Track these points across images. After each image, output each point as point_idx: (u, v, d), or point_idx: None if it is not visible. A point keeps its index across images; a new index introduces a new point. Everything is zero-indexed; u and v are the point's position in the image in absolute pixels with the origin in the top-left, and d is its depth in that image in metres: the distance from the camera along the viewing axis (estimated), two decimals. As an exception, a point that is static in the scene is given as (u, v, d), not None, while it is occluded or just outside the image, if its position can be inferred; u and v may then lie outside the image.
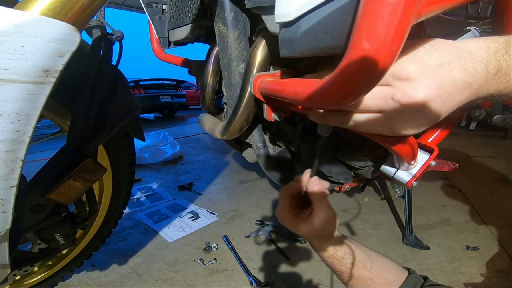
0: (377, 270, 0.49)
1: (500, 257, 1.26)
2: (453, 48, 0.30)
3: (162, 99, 6.66)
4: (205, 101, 0.90)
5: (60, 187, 0.61)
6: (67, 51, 0.37)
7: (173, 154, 2.76)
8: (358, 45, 0.22)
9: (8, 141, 0.36)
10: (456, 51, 0.30)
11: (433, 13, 0.25)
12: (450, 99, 0.30)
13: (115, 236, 1.44)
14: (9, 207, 0.42)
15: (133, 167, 0.98)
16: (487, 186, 1.98)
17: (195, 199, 1.91)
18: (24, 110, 0.36)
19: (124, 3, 3.80)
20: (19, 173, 0.40)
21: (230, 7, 0.58)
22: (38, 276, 0.93)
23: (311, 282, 1.13)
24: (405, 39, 0.21)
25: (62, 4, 0.35)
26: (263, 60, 0.53)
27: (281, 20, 0.31)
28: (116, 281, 1.14)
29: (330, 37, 0.28)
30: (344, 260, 0.48)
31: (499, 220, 1.52)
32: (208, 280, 1.15)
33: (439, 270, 1.19)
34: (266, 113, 0.53)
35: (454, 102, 0.30)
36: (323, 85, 0.26)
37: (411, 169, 0.94)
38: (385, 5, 0.20)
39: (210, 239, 1.43)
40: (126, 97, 0.78)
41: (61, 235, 0.74)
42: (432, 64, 0.29)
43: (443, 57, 0.29)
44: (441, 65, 0.29)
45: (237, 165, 2.61)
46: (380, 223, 1.56)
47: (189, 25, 0.79)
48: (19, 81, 0.34)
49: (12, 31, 0.33)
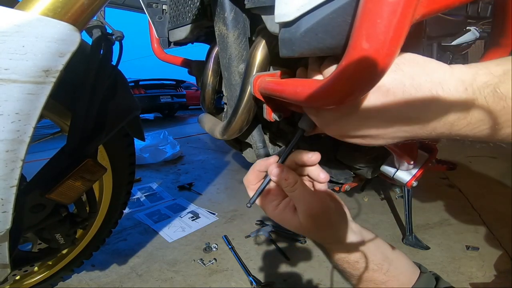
0: (393, 272, 0.43)
1: (500, 257, 1.26)
2: (417, 73, 0.26)
3: (162, 99, 6.66)
4: (205, 101, 0.90)
5: (60, 187, 0.61)
6: (68, 51, 0.37)
7: (173, 154, 2.76)
8: (357, 45, 0.22)
9: (9, 140, 0.37)
10: (418, 79, 0.25)
11: (432, 13, 0.25)
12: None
13: (115, 236, 1.44)
14: (9, 207, 0.42)
15: (133, 167, 0.98)
16: (487, 186, 1.98)
17: (195, 199, 1.91)
18: (25, 110, 0.36)
19: (124, 3, 3.81)
20: (19, 173, 0.40)
21: (230, 7, 0.58)
22: (38, 276, 0.93)
23: (311, 282, 1.13)
24: (404, 39, 0.21)
25: (62, 4, 0.36)
26: (263, 60, 0.53)
27: (281, 20, 0.31)
28: (116, 281, 1.14)
29: (330, 37, 0.28)
30: (358, 264, 0.42)
31: (499, 220, 1.52)
32: (208, 280, 1.15)
33: (439, 270, 1.19)
34: (266, 113, 0.53)
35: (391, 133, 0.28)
36: (323, 85, 0.26)
37: (411, 169, 0.94)
38: (384, 5, 0.20)
39: (210, 239, 1.43)
40: (126, 97, 0.78)
41: (61, 235, 0.74)
42: (381, 85, 0.26)
43: (395, 81, 0.26)
44: (388, 91, 0.26)
45: (237, 165, 2.61)
46: (380, 223, 1.56)
47: (189, 25, 0.79)
48: (19, 81, 0.34)
49: (12, 31, 0.33)
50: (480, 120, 0.24)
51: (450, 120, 0.25)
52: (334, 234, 0.40)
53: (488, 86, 0.24)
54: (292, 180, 0.36)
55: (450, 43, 0.98)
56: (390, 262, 0.43)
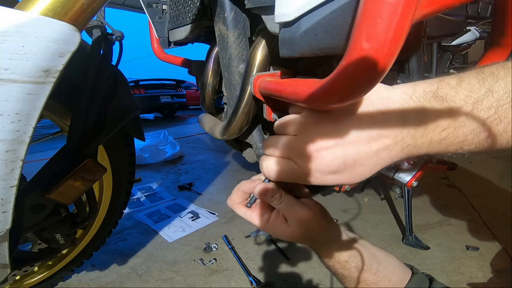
0: (383, 272, 0.44)
1: (500, 257, 1.26)
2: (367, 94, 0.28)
3: (162, 99, 6.66)
4: (205, 101, 0.90)
5: (60, 187, 0.61)
6: (67, 51, 0.37)
7: (173, 154, 2.76)
8: (357, 45, 0.22)
9: (8, 140, 0.36)
10: (370, 97, 0.28)
11: (433, 13, 0.25)
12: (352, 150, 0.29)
13: (115, 236, 1.44)
14: (9, 207, 0.42)
15: (133, 167, 0.98)
16: (487, 186, 1.98)
17: (195, 199, 1.91)
18: (24, 110, 0.36)
19: (124, 3, 3.81)
20: (19, 173, 0.40)
21: (230, 7, 0.58)
22: (38, 276, 0.93)
23: (311, 282, 1.13)
24: (404, 39, 0.21)
25: (62, 4, 0.35)
26: (263, 60, 0.53)
27: (281, 20, 0.31)
28: (116, 281, 1.14)
29: (330, 37, 0.28)
30: (348, 264, 0.43)
31: (499, 220, 1.52)
32: (208, 280, 1.15)
33: (439, 270, 1.19)
34: (266, 113, 0.53)
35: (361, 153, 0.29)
36: (323, 85, 0.26)
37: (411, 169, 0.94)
38: (384, 5, 0.20)
39: (210, 239, 1.43)
40: (126, 97, 0.78)
41: (61, 235, 0.74)
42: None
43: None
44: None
45: (237, 165, 2.61)
46: (380, 223, 1.56)
47: (189, 25, 0.79)
48: (19, 81, 0.34)
49: (12, 31, 0.33)
50: (435, 124, 0.26)
51: (411, 132, 0.27)
52: (326, 234, 0.42)
53: (427, 93, 0.27)
54: (277, 195, 0.38)
55: (450, 43, 0.98)
56: (379, 262, 0.44)
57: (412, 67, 0.80)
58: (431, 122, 0.26)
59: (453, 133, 0.26)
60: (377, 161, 0.29)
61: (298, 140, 0.31)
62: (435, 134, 0.26)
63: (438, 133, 0.26)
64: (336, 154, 0.29)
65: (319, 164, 0.30)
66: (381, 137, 0.28)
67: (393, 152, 0.29)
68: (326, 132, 0.30)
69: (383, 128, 0.28)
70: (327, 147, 0.29)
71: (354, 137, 0.29)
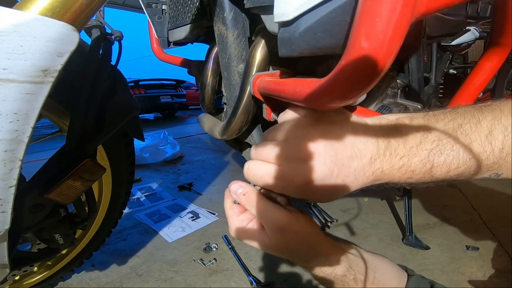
0: (380, 279, 0.40)
1: (500, 257, 1.26)
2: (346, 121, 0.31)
3: (162, 99, 6.66)
4: (204, 101, 0.90)
5: (59, 187, 0.61)
6: (66, 51, 0.37)
7: (173, 154, 2.76)
8: (356, 44, 0.22)
9: (7, 140, 0.36)
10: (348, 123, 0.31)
11: (432, 12, 0.25)
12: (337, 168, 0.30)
13: (115, 236, 1.44)
14: (8, 207, 0.42)
15: (133, 167, 0.98)
16: (487, 186, 1.98)
17: (195, 199, 1.91)
18: (23, 110, 0.36)
19: (124, 3, 3.80)
20: (18, 173, 0.40)
21: (229, 7, 0.58)
22: (38, 276, 0.93)
23: (311, 282, 1.13)
24: (403, 38, 0.21)
25: (61, 4, 0.35)
26: (263, 60, 0.53)
27: (280, 20, 0.31)
28: (116, 281, 1.14)
29: (329, 36, 0.28)
30: (345, 278, 0.38)
31: (499, 220, 1.52)
32: (208, 280, 1.15)
33: (439, 270, 1.19)
34: (265, 113, 0.53)
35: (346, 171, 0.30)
36: (322, 84, 0.26)
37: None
38: (383, 4, 0.20)
39: (210, 239, 1.42)
40: (125, 97, 0.78)
41: (61, 235, 0.74)
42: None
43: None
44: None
45: (237, 165, 2.61)
46: (380, 223, 1.56)
47: (189, 25, 0.78)
48: (17, 80, 0.34)
49: (10, 31, 0.33)
50: (396, 152, 0.30)
51: (381, 155, 0.30)
52: (310, 247, 0.36)
53: (391, 122, 0.31)
54: (246, 189, 0.36)
55: (450, 43, 0.98)
56: (375, 270, 0.40)
57: (412, 66, 0.80)
58: (393, 149, 0.30)
59: (408, 162, 0.29)
60: (353, 179, 0.31)
61: (287, 145, 0.32)
62: (396, 161, 0.30)
63: (398, 160, 0.30)
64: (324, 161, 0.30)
65: (304, 171, 0.30)
66: (361, 155, 0.30)
67: (367, 174, 0.31)
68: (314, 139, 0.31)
69: (364, 145, 0.30)
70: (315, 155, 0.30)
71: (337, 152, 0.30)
